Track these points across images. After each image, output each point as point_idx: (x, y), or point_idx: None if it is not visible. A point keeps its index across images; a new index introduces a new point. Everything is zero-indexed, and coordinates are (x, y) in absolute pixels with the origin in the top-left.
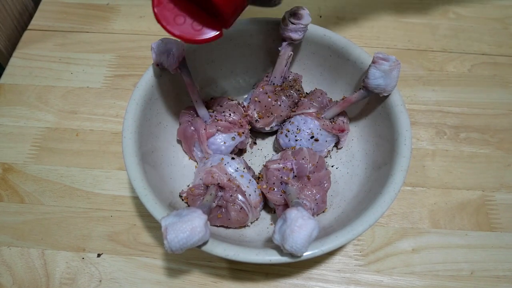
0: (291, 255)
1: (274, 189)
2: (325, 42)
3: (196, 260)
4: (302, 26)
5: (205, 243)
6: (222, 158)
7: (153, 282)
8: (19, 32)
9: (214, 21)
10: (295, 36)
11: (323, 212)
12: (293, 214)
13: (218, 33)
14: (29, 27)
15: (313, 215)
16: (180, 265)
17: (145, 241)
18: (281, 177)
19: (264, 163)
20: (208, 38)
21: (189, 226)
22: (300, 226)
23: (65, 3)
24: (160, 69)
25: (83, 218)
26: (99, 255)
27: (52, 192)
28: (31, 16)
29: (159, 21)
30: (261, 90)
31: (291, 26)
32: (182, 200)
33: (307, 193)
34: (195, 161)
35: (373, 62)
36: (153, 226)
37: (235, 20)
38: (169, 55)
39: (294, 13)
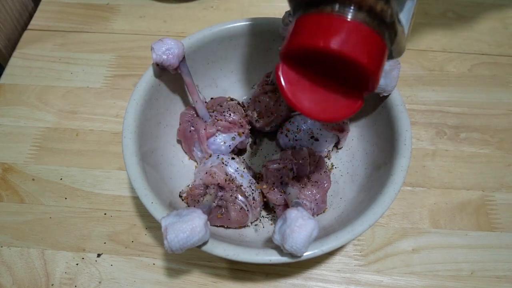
0: (291, 255)
1: (274, 189)
2: None
3: (196, 260)
4: None
5: (205, 243)
6: (222, 158)
7: (153, 282)
8: (19, 32)
9: (352, 88)
10: None
11: (323, 212)
12: (293, 214)
13: (361, 102)
14: (29, 27)
15: (313, 215)
16: (180, 265)
17: (145, 241)
18: (281, 177)
19: (264, 163)
20: (354, 110)
21: (189, 226)
22: (300, 226)
23: (65, 3)
24: (160, 69)
25: (83, 218)
26: (99, 255)
27: (52, 192)
28: (31, 16)
29: (298, 108)
30: (261, 90)
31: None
32: (182, 200)
33: (307, 193)
34: (195, 161)
35: None
36: (153, 226)
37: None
38: (169, 55)
39: None
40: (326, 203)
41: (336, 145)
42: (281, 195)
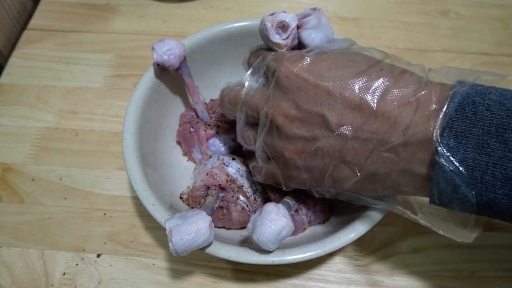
0: (293, 255)
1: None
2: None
3: (196, 261)
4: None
5: (209, 245)
6: (223, 159)
7: (153, 282)
8: (19, 32)
9: None
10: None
11: (323, 223)
12: (269, 208)
13: None
14: (29, 26)
15: (308, 222)
16: (180, 265)
17: (145, 241)
18: None
19: None
20: None
21: (194, 228)
22: (270, 220)
23: (64, 3)
24: (160, 69)
25: (82, 218)
26: (98, 256)
27: (52, 192)
28: (30, 16)
29: None
30: None
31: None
32: (183, 201)
33: (307, 199)
34: (195, 162)
35: (298, 28)
36: (153, 226)
37: None
38: (170, 55)
39: (279, 26)
40: (326, 214)
41: None
42: (280, 195)
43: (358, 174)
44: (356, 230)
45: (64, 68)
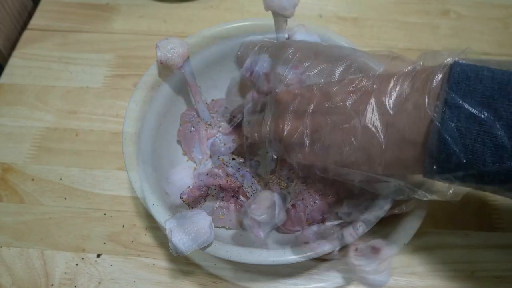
0: (293, 255)
1: (281, 182)
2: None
3: (196, 260)
4: None
5: (209, 244)
6: (223, 159)
7: (153, 282)
8: (19, 32)
9: None
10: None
11: (322, 223)
12: (263, 195)
13: None
14: (29, 26)
15: (307, 221)
16: (180, 265)
17: (145, 241)
18: (292, 173)
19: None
20: None
21: (194, 228)
22: (263, 198)
23: (64, 3)
24: (163, 67)
25: (82, 218)
26: (98, 256)
27: (52, 192)
28: (30, 16)
29: None
30: None
31: None
32: (183, 201)
33: (307, 196)
34: (195, 162)
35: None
36: (153, 226)
37: None
38: (174, 53)
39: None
40: (325, 213)
41: None
42: (281, 189)
43: (354, 143)
44: (357, 229)
45: (64, 68)
